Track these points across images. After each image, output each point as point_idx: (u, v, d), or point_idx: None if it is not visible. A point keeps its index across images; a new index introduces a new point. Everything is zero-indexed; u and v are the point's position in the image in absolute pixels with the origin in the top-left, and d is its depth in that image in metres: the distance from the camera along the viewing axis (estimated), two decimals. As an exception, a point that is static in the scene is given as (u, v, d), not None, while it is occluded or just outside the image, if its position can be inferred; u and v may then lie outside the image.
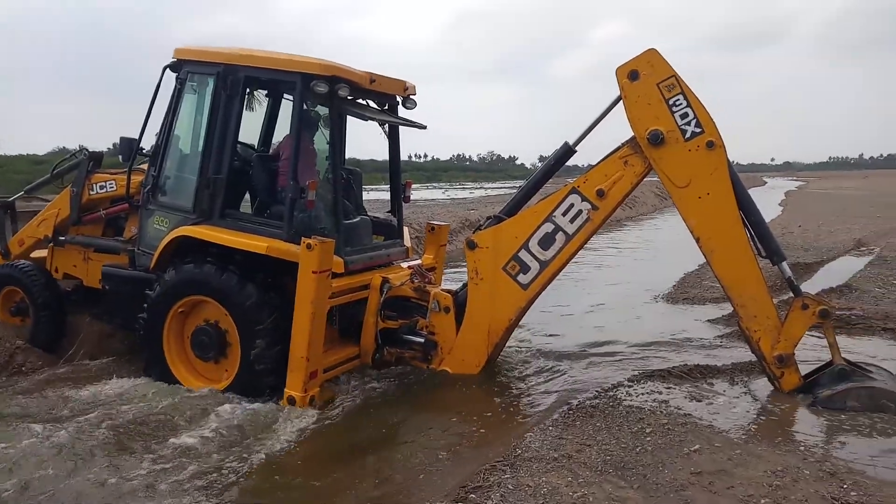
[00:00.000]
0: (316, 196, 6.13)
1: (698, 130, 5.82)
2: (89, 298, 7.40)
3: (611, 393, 6.02)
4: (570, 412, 5.49)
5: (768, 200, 40.02)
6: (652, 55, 5.89)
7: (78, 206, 7.42)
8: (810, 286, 11.27)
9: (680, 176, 5.91)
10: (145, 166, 7.00)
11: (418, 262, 7.61)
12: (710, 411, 5.63)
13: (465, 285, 6.66)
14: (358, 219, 7.02)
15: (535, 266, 6.29)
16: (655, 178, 6.24)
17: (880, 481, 4.25)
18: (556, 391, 6.42)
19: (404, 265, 7.40)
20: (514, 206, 6.66)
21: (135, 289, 6.62)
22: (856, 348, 7.45)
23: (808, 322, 5.78)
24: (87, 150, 7.65)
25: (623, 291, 11.69)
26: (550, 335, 8.55)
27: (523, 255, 6.30)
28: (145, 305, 6.42)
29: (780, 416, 5.50)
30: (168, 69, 6.69)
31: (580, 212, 6.19)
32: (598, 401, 5.77)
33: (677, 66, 5.85)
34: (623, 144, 6.14)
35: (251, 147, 7.52)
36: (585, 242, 6.35)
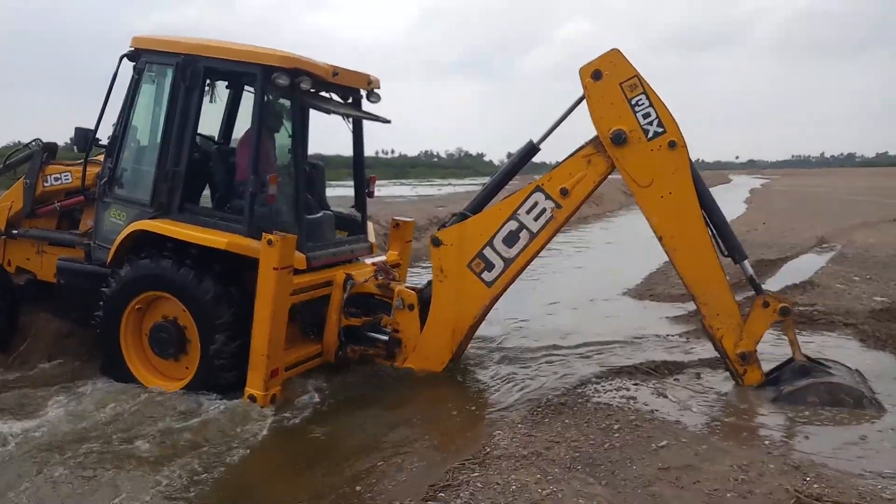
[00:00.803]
0: (277, 190, 6.04)
1: (660, 130, 5.87)
2: (43, 293, 7.17)
3: (579, 390, 6.05)
4: (539, 409, 5.50)
5: (734, 198, 40.71)
6: (615, 55, 5.93)
7: (31, 198, 7.21)
8: (774, 282, 11.49)
9: (642, 175, 5.96)
10: (102, 157, 6.84)
11: (383, 258, 7.54)
12: (677, 407, 5.69)
13: (429, 283, 6.62)
14: (321, 214, 6.94)
15: (499, 264, 6.29)
16: (612, 177, 6.29)
17: (842, 472, 4.33)
18: (525, 389, 6.42)
19: (368, 261, 7.31)
20: (479, 204, 6.65)
21: (90, 284, 6.43)
22: (818, 344, 7.62)
23: (769, 319, 5.88)
24: (41, 140, 7.41)
25: (589, 288, 11.76)
26: (518, 333, 8.56)
27: (488, 252, 6.29)
28: (101, 302, 6.26)
29: (745, 412, 5.57)
30: (125, 58, 6.54)
31: (544, 210, 6.20)
32: (566, 398, 5.79)
33: (640, 65, 5.90)
34: (586, 143, 6.17)
35: (211, 139, 7.38)
36: (550, 240, 6.37)
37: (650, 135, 5.88)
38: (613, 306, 10.48)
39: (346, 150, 7.56)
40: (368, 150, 7.69)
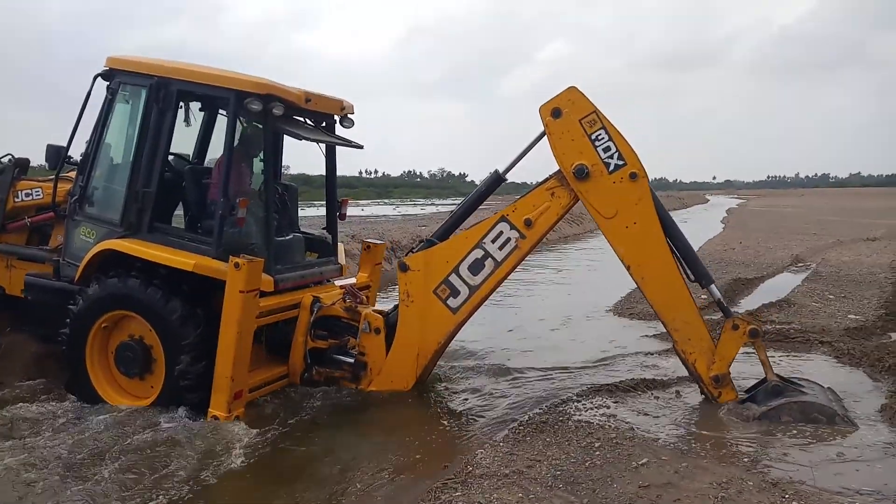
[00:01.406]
0: (248, 213, 6.08)
1: (621, 163, 6.03)
2: (10, 306, 7.16)
3: (560, 408, 6.07)
4: (521, 428, 5.51)
5: (711, 217, 41.21)
6: (572, 93, 6.10)
7: (2, 213, 7.19)
8: (751, 301, 11.65)
9: (607, 207, 6.10)
10: (73, 174, 6.81)
11: (352, 280, 7.57)
12: (657, 425, 5.73)
13: (396, 307, 6.66)
14: (290, 236, 6.97)
15: (464, 290, 6.37)
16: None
17: (819, 489, 4.38)
18: (505, 407, 6.43)
19: (338, 283, 7.32)
20: (446, 231, 6.76)
21: (58, 300, 6.41)
22: (794, 361, 7.72)
23: (739, 342, 5.98)
24: (13, 156, 7.39)
25: (569, 307, 11.82)
26: (499, 351, 8.57)
27: (454, 279, 6.38)
28: (68, 320, 6.22)
29: (724, 429, 5.62)
30: (100, 77, 6.54)
31: (509, 239, 6.31)
32: (547, 416, 5.81)
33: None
34: (550, 176, 6.32)
35: (185, 158, 7.38)
36: (514, 268, 6.47)
37: (611, 168, 6.04)
38: (594, 324, 10.54)
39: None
40: (352, 170, 7.81)
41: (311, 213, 17.20)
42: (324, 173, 7.56)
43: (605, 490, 4.34)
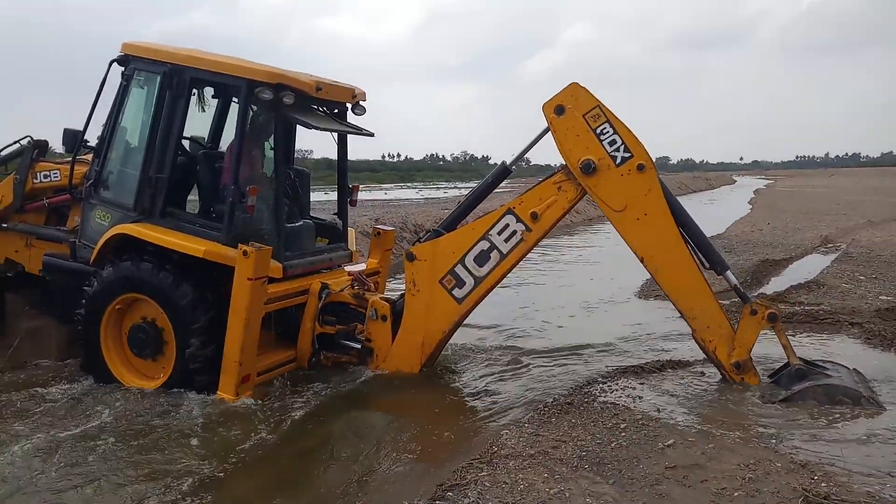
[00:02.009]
0: (259, 200, 6.17)
1: (627, 155, 6.02)
2: (27, 283, 7.36)
3: (585, 389, 6.06)
4: (546, 409, 5.51)
5: (738, 199, 40.66)
6: (574, 89, 6.10)
7: (21, 193, 7.36)
8: (779, 282, 11.50)
9: (616, 201, 6.10)
10: (90, 157, 6.94)
11: (362, 266, 7.65)
12: (683, 406, 5.69)
13: (402, 295, 6.73)
14: (301, 223, 7.04)
15: (470, 281, 6.42)
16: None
17: (849, 470, 4.32)
18: (531, 389, 6.45)
19: (349, 269, 7.40)
20: (453, 222, 6.80)
21: (75, 281, 6.56)
22: (824, 343, 7.62)
23: (758, 327, 5.94)
24: (31, 138, 7.55)
25: (594, 289, 11.78)
26: (523, 333, 8.59)
27: (459, 270, 6.43)
28: (83, 301, 6.36)
29: (751, 411, 5.56)
30: (115, 63, 6.62)
31: (514, 232, 6.34)
32: (572, 397, 5.80)
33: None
34: (557, 170, 6.33)
35: (200, 142, 7.46)
36: (519, 261, 6.50)
37: (618, 161, 6.04)
38: (619, 306, 10.49)
39: (353, 155, 7.62)
40: (375, 154, 7.81)
41: (334, 196, 17.22)
42: (348, 158, 7.59)
43: (631, 471, 4.33)
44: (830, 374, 5.84)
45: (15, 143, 7.63)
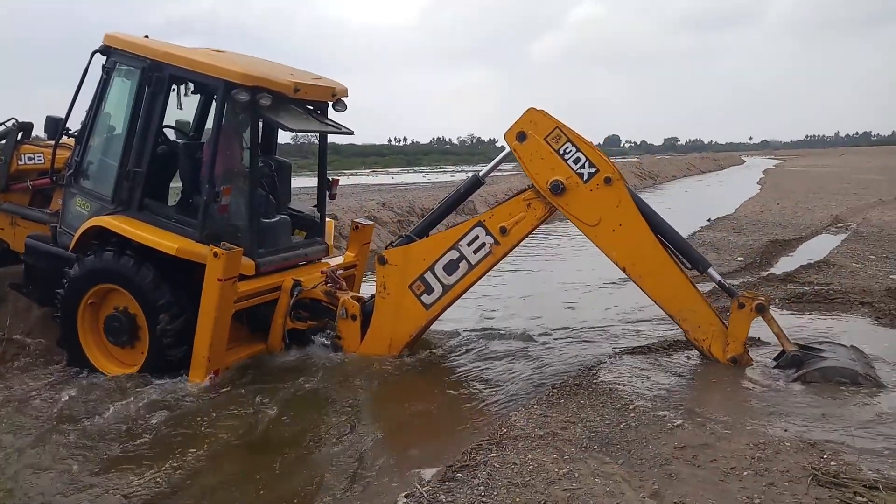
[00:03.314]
0: (234, 197, 6.24)
1: (593, 171, 6.10)
2: (8, 259, 7.54)
3: (593, 371, 6.07)
4: (554, 391, 5.53)
5: (747, 179, 40.40)
6: (532, 114, 6.21)
7: (6, 173, 7.48)
8: (789, 262, 11.45)
9: (589, 216, 6.19)
10: (73, 142, 7.01)
11: (339, 260, 7.72)
12: (691, 386, 5.71)
13: (373, 296, 6.80)
14: (277, 218, 7.06)
15: (438, 288, 6.50)
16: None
17: (859, 450, 4.32)
18: (539, 371, 6.48)
19: (329, 261, 7.49)
20: (425, 228, 6.88)
21: (54, 265, 6.67)
22: (833, 324, 7.59)
23: (748, 319, 5.94)
24: (16, 120, 7.63)
25: (598, 271, 11.74)
26: (530, 315, 8.59)
27: (429, 276, 6.51)
28: (60, 292, 6.47)
29: (760, 390, 5.56)
30: (98, 53, 6.63)
31: (483, 244, 6.42)
32: (581, 379, 5.81)
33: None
34: (528, 187, 6.39)
35: (183, 131, 7.49)
36: (486, 272, 6.58)
37: (585, 177, 6.12)
38: (624, 288, 10.46)
39: (359, 139, 7.63)
40: (381, 139, 7.80)
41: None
42: (352, 143, 7.63)
43: (640, 451, 4.35)
44: (827, 355, 5.84)
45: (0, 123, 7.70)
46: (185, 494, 4.39)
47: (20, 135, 7.52)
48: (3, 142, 7.60)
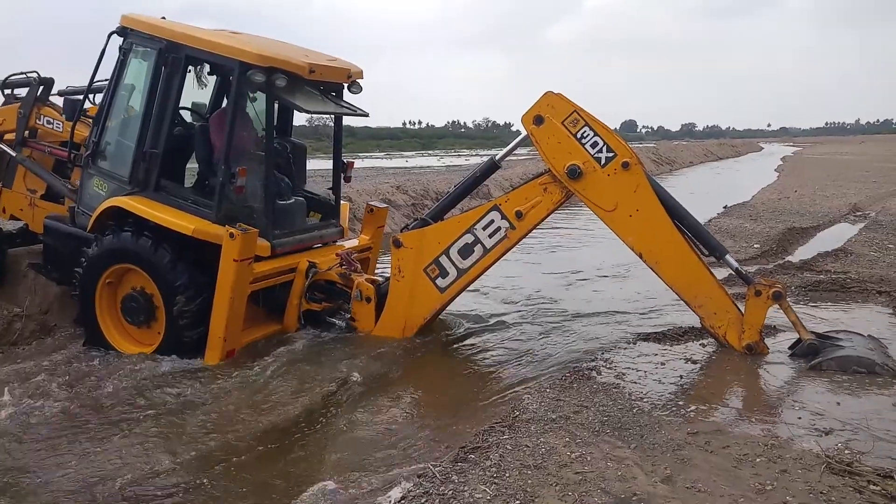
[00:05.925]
0: (250, 177, 6.25)
1: (611, 155, 6.05)
2: (31, 240, 7.66)
3: (607, 356, 6.08)
4: (568, 375, 5.54)
5: (765, 166, 39.97)
6: (549, 98, 6.15)
7: (24, 127, 7.50)
8: (806, 250, 11.35)
9: (606, 201, 6.14)
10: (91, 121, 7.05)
11: (354, 242, 7.72)
12: (705, 372, 5.70)
13: (388, 279, 6.82)
14: (292, 200, 7.07)
15: (453, 272, 6.51)
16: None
17: (874, 439, 4.30)
18: (552, 355, 6.49)
19: (344, 243, 7.52)
20: (440, 212, 6.87)
21: (73, 245, 6.73)
22: (850, 313, 7.53)
23: (764, 307, 5.90)
24: (38, 73, 7.62)
25: (614, 256, 11.68)
26: (544, 301, 8.58)
27: (443, 260, 6.52)
28: (78, 272, 6.52)
29: (774, 377, 5.55)
30: (115, 34, 6.65)
31: (499, 228, 6.41)
32: (594, 363, 5.82)
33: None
34: (545, 171, 6.37)
35: (200, 113, 7.48)
36: (501, 256, 6.56)
37: (603, 162, 6.07)
38: (640, 274, 10.40)
39: (374, 122, 7.62)
40: (396, 122, 7.78)
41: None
42: (367, 126, 7.65)
43: (653, 436, 4.35)
44: (843, 344, 5.80)
45: (22, 73, 7.73)
46: (193, 472, 4.44)
47: (41, 89, 7.52)
48: (25, 93, 7.58)
